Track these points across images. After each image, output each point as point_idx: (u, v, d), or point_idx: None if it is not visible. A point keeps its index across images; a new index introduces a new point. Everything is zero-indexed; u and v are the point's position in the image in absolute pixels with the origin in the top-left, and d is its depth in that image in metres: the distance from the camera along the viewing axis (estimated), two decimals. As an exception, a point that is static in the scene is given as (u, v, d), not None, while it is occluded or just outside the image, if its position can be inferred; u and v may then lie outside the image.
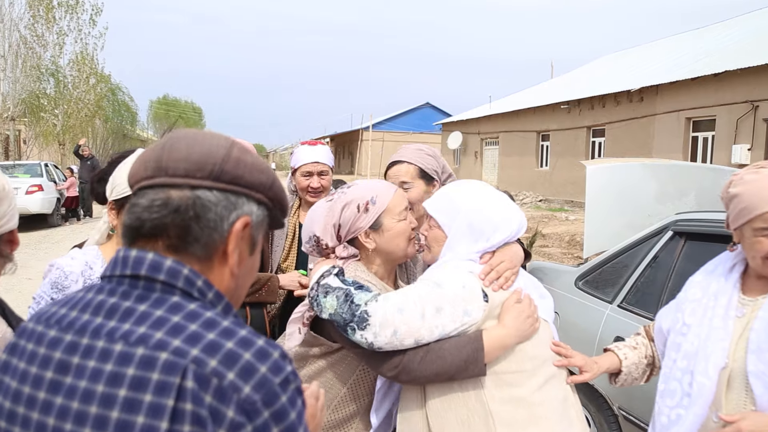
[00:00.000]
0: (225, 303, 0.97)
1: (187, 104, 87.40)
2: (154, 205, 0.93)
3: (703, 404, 1.73)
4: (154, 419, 0.80)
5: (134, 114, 56.72)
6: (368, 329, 1.63)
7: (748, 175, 1.77)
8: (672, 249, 3.24)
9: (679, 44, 23.95)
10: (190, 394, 0.81)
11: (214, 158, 0.95)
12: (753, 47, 16.94)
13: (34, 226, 15.98)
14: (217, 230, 0.95)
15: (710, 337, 1.76)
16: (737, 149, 15.30)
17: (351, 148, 52.16)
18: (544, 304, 1.85)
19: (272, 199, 1.03)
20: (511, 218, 1.83)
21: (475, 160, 30.03)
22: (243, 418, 0.82)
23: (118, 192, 1.90)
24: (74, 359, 0.87)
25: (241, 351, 0.85)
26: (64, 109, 30.34)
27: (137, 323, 0.87)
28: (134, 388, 0.82)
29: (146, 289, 0.91)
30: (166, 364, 0.82)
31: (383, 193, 1.97)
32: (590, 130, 21.90)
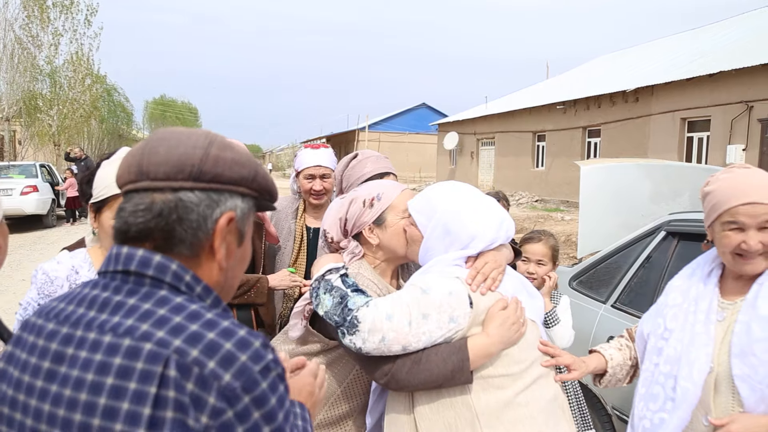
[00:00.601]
0: (213, 296, 1.01)
1: (184, 105, 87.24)
2: (139, 209, 0.97)
3: (687, 408, 1.74)
4: (137, 405, 0.85)
5: (130, 114, 56.60)
6: (357, 335, 1.66)
7: (722, 175, 1.82)
8: (665, 249, 3.25)
9: (674, 45, 24.01)
10: (172, 382, 0.86)
11: (193, 159, 0.98)
12: (748, 48, 17.00)
13: (29, 227, 15.94)
14: (201, 229, 0.99)
15: (693, 342, 1.77)
16: (732, 149, 15.35)
17: (348, 149, 52.14)
18: (532, 304, 1.85)
19: (256, 189, 1.06)
20: (489, 225, 1.79)
21: (471, 160, 30.06)
22: (224, 404, 0.87)
23: (95, 195, 1.88)
24: (68, 350, 0.92)
25: (222, 341, 0.90)
26: (59, 109, 30.26)
27: (126, 316, 0.92)
28: (120, 376, 0.87)
29: (136, 284, 0.96)
30: (149, 354, 0.87)
31: (389, 190, 2.03)
32: (586, 131, 21.94)
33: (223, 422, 0.87)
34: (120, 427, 0.85)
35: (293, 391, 1.24)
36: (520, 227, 14.93)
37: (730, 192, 1.74)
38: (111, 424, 0.86)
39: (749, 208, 1.71)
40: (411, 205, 1.92)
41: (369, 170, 2.54)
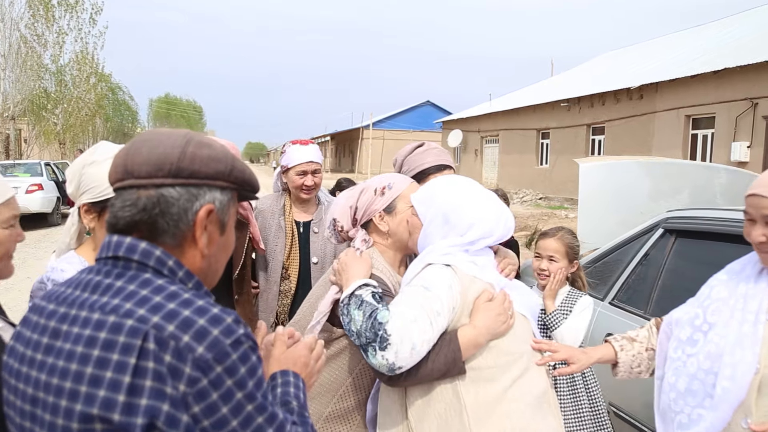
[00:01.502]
0: (195, 281, 1.12)
1: (189, 103, 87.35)
2: (126, 205, 1.09)
3: (727, 409, 1.68)
4: (119, 374, 0.96)
5: (134, 113, 56.69)
6: (389, 349, 1.63)
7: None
8: (662, 246, 3.27)
9: (678, 42, 23.93)
10: (151, 354, 0.96)
11: (171, 158, 1.09)
12: (753, 45, 16.93)
13: (34, 225, 16.03)
14: (182, 221, 1.10)
15: (740, 342, 1.71)
16: (737, 147, 15.31)
17: (352, 147, 52.16)
18: (523, 300, 1.87)
19: (234, 182, 1.17)
20: (487, 215, 1.84)
21: (476, 158, 30.04)
22: (198, 374, 0.97)
23: (94, 194, 1.86)
24: (63, 326, 1.04)
25: (195, 317, 1.00)
26: (64, 108, 30.37)
27: (113, 296, 1.04)
28: (105, 348, 0.98)
29: (124, 268, 1.08)
30: (131, 329, 0.98)
31: (400, 181, 2.12)
32: (590, 128, 21.90)
33: (199, 389, 0.98)
34: (103, 393, 0.96)
35: (288, 362, 1.35)
36: (524, 224, 14.92)
37: (759, 180, 1.75)
38: (96, 390, 0.96)
39: (753, 199, 1.73)
40: (413, 196, 1.98)
41: (430, 160, 2.52)
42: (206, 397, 0.98)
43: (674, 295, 3.08)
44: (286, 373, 1.32)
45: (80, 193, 1.90)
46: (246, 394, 1.02)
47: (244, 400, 1.02)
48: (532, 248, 12.04)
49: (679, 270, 3.12)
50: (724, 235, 2.82)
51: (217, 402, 0.99)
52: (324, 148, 67.86)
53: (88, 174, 1.88)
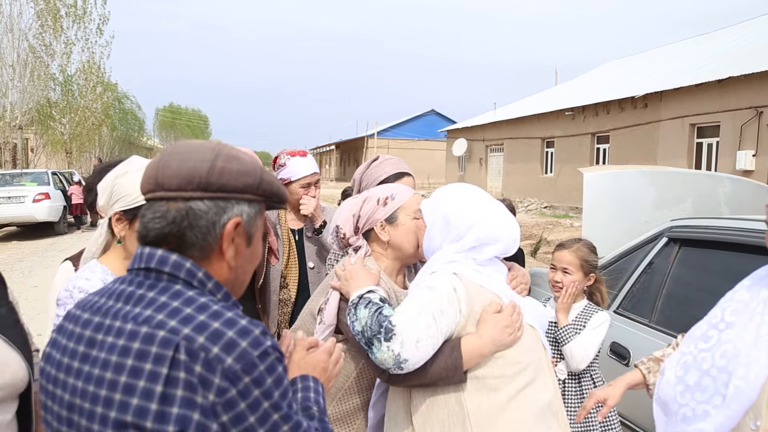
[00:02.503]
0: (224, 292, 1.15)
1: (194, 112, 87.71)
2: (156, 217, 1.13)
3: (738, 408, 1.67)
4: (151, 383, 1.00)
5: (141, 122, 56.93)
6: (394, 339, 1.66)
7: None
8: (667, 255, 3.27)
9: (683, 50, 23.95)
10: (182, 364, 1.00)
11: (200, 172, 1.12)
12: (757, 53, 16.93)
13: (41, 234, 16.10)
14: (210, 234, 1.13)
15: (756, 344, 1.69)
16: (742, 155, 15.28)
17: (356, 156, 52.26)
18: (532, 310, 1.88)
19: (263, 194, 1.19)
20: (485, 219, 1.85)
21: (480, 166, 30.06)
22: (227, 384, 1.01)
23: (126, 202, 1.92)
24: (99, 336, 1.08)
25: (225, 329, 1.04)
26: (71, 117, 30.54)
27: (145, 307, 1.08)
28: (138, 358, 1.02)
29: (156, 280, 1.12)
30: (162, 339, 1.02)
31: (402, 192, 2.15)
32: (595, 137, 21.90)
33: (228, 399, 1.01)
34: (136, 401, 1.00)
35: (308, 367, 1.39)
36: (529, 233, 14.91)
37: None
38: (129, 398, 1.01)
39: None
40: (422, 203, 2.04)
41: (388, 170, 2.63)
42: (234, 406, 1.02)
43: (679, 303, 3.09)
44: (306, 378, 1.35)
45: (112, 203, 1.95)
46: (272, 403, 1.06)
47: (270, 409, 1.06)
48: (537, 257, 12.02)
49: (684, 278, 3.12)
50: (729, 244, 2.83)
51: (245, 411, 1.03)
52: (328, 157, 68.00)
53: (119, 184, 1.94)
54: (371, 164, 2.72)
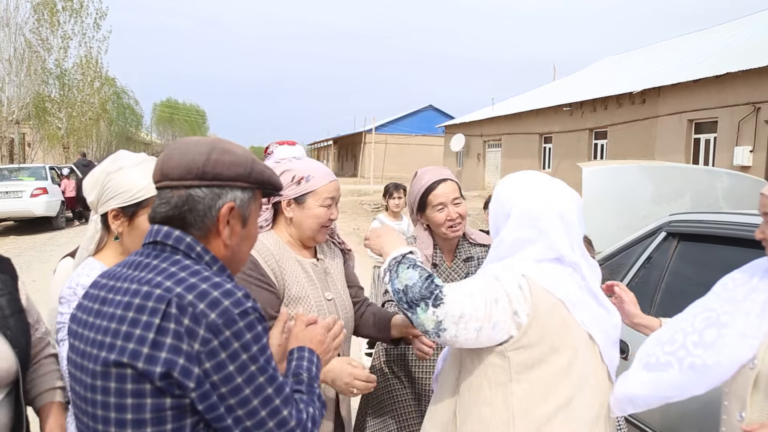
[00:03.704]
0: (220, 265, 1.34)
1: (192, 107, 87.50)
2: (162, 203, 1.33)
3: (709, 381, 1.71)
4: (146, 331, 1.19)
5: (140, 117, 56.78)
6: (441, 307, 1.67)
7: None
8: (665, 249, 3.28)
9: (681, 46, 23.95)
10: (173, 317, 1.18)
11: (197, 163, 1.31)
12: (755, 49, 16.94)
13: (38, 229, 16.08)
14: (207, 216, 1.32)
15: (744, 331, 1.72)
16: (739, 151, 15.30)
17: (354, 151, 52.22)
18: (595, 320, 1.79)
19: (254, 182, 1.37)
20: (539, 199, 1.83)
21: (478, 162, 30.07)
22: (210, 335, 1.18)
23: (123, 199, 1.91)
24: (110, 296, 1.29)
25: (211, 290, 1.22)
26: (68, 112, 30.46)
27: (149, 272, 1.27)
28: (137, 311, 1.21)
29: (161, 251, 1.31)
30: (158, 296, 1.21)
31: (320, 177, 2.18)
32: (592, 132, 21.91)
33: (211, 349, 1.18)
34: (132, 345, 1.19)
35: (305, 339, 1.57)
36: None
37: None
38: (127, 343, 1.19)
39: (761, 198, 1.78)
40: (495, 189, 1.97)
41: (428, 178, 2.63)
42: (216, 355, 1.18)
43: (677, 297, 3.10)
44: (302, 349, 1.53)
45: (107, 199, 1.93)
46: (250, 356, 1.21)
47: (248, 360, 1.21)
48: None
49: (682, 273, 3.14)
50: (727, 238, 2.84)
51: (225, 360, 1.18)
52: (326, 152, 67.92)
53: (116, 180, 1.92)
54: (413, 180, 2.74)
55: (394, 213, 5.83)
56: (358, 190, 28.19)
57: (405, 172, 42.10)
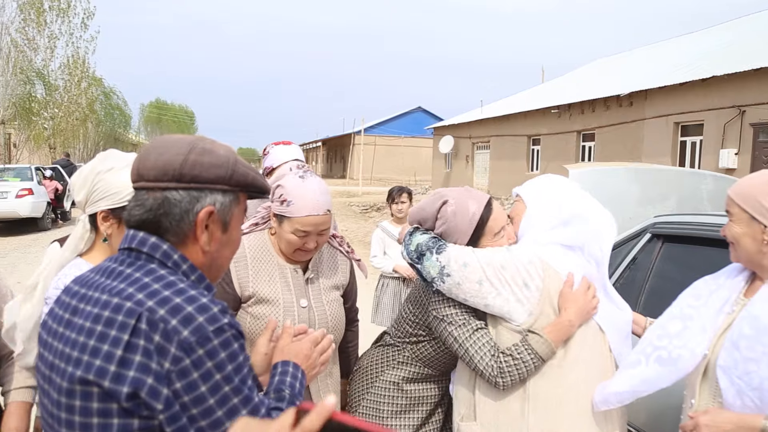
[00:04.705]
0: (198, 274, 1.25)
1: (180, 108, 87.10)
2: (137, 205, 1.24)
3: (676, 372, 1.81)
4: (113, 347, 1.10)
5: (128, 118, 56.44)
6: (443, 253, 1.86)
7: None
8: (650, 251, 3.31)
9: (667, 49, 24.14)
10: (143, 333, 1.10)
11: (174, 164, 1.22)
12: (740, 53, 17.11)
13: (24, 230, 15.93)
14: (184, 221, 1.23)
15: (704, 326, 1.83)
16: (725, 154, 15.45)
17: (343, 153, 52.19)
18: (607, 314, 1.95)
19: (237, 185, 1.28)
20: (587, 216, 1.99)
21: (467, 164, 30.14)
22: (182, 354, 1.10)
23: (114, 201, 1.87)
24: (81, 305, 1.20)
25: (185, 305, 1.13)
26: (54, 112, 30.23)
27: (121, 281, 1.18)
28: (106, 325, 1.13)
29: (135, 258, 1.22)
30: (128, 310, 1.13)
31: (301, 207, 2.09)
32: (580, 135, 22.03)
33: (182, 368, 1.10)
34: (99, 362, 1.10)
35: (290, 353, 1.50)
36: (515, 231, 14.97)
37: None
38: (94, 359, 1.11)
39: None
40: (520, 188, 2.14)
41: (474, 206, 2.09)
42: (187, 375, 1.10)
43: (661, 298, 3.12)
44: (286, 364, 1.47)
45: (96, 200, 1.89)
46: (224, 376, 1.14)
47: (221, 381, 1.14)
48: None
49: (666, 274, 3.17)
50: (710, 240, 2.87)
51: (197, 380, 1.11)
52: (315, 154, 67.82)
53: (106, 181, 1.88)
54: (443, 211, 2.17)
55: (398, 219, 5.39)
56: (346, 192, 28.18)
57: (394, 174, 42.15)
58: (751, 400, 1.66)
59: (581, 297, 1.84)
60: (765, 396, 1.63)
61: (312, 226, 2.10)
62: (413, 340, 2.20)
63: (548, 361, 1.83)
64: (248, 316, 2.20)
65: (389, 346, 2.30)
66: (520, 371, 1.81)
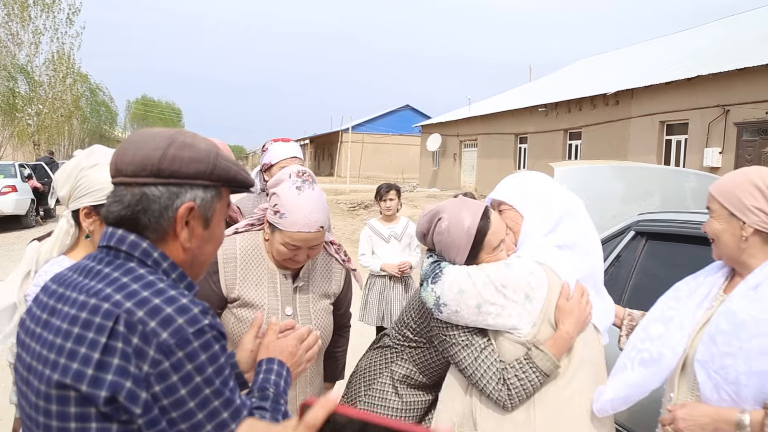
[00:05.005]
0: (179, 272, 1.23)
1: (168, 105, 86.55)
2: (115, 200, 1.20)
3: (660, 370, 1.84)
4: (91, 350, 1.08)
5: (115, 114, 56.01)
6: (439, 283, 1.85)
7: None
8: (634, 248, 3.34)
9: (654, 49, 24.32)
10: (120, 335, 1.07)
11: (152, 159, 1.19)
12: (725, 53, 17.28)
13: (7, 227, 15.76)
14: (163, 217, 1.19)
15: (684, 323, 1.86)
16: (709, 152, 15.60)
17: (331, 150, 52.10)
18: (599, 311, 1.97)
19: (218, 180, 1.25)
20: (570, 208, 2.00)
21: (454, 162, 30.21)
22: (161, 356, 1.07)
23: (96, 197, 1.85)
24: (59, 305, 1.17)
25: (164, 306, 1.11)
26: (39, 108, 29.93)
27: (99, 281, 1.15)
28: (84, 327, 1.10)
29: (114, 257, 1.19)
30: (106, 311, 1.10)
31: (292, 222, 2.04)
32: (567, 133, 22.15)
33: (161, 371, 1.08)
34: (76, 366, 1.08)
35: (275, 351, 1.47)
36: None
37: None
38: (71, 362, 1.08)
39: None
40: (502, 195, 2.09)
41: (468, 218, 1.98)
42: (167, 378, 1.08)
43: (645, 294, 3.16)
44: (271, 361, 1.44)
45: (79, 196, 1.87)
46: (204, 378, 1.11)
47: (202, 384, 1.11)
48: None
49: (650, 271, 3.20)
50: (693, 237, 2.90)
51: (176, 383, 1.09)
52: (303, 151, 67.40)
53: (89, 177, 1.86)
54: (438, 227, 2.03)
55: (387, 216, 5.31)
56: (334, 189, 28.12)
57: (382, 172, 42.11)
58: (728, 393, 1.69)
59: (577, 308, 1.84)
60: (741, 390, 1.66)
61: (302, 241, 2.06)
62: (412, 345, 2.17)
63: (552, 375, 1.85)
64: (232, 317, 2.17)
65: (387, 347, 2.27)
66: (527, 391, 1.81)
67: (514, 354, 1.84)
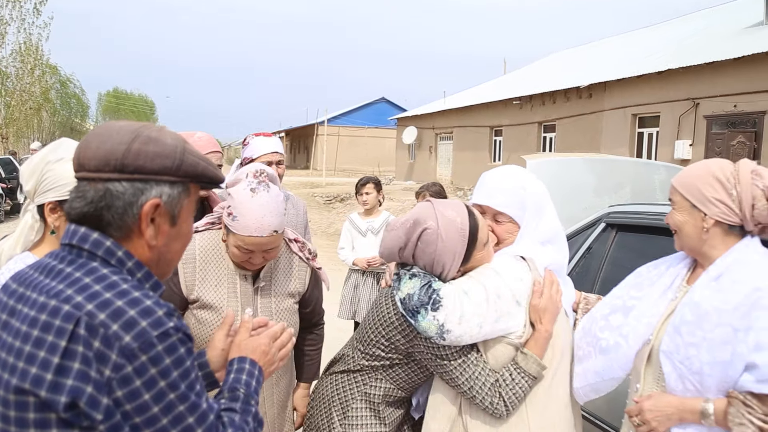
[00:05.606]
0: (145, 271, 1.19)
1: (140, 97, 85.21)
2: (78, 196, 1.16)
3: (616, 360, 1.89)
4: (50, 354, 1.04)
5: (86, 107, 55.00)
6: (440, 311, 1.76)
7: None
8: (604, 240, 3.40)
9: (626, 42, 24.60)
10: (81, 339, 1.04)
11: (116, 154, 1.14)
12: (695, 47, 17.56)
13: (-24, 223, 15.44)
14: (127, 214, 1.16)
15: (645, 312, 1.89)
16: (680, 145, 15.87)
17: (306, 143, 51.85)
18: (566, 295, 2.02)
19: (186, 176, 1.21)
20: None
21: (430, 154, 30.28)
22: (123, 361, 1.04)
23: (61, 192, 1.79)
24: (18, 306, 1.13)
25: (127, 308, 1.07)
26: (7, 101, 29.28)
27: (60, 281, 1.11)
28: (43, 330, 1.06)
29: (77, 256, 1.15)
30: (66, 314, 1.06)
31: (244, 226, 2.00)
32: (541, 126, 22.34)
33: (123, 375, 1.04)
34: (35, 370, 1.04)
35: (247, 349, 1.43)
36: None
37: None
38: (30, 367, 1.05)
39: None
40: (499, 205, 2.03)
41: (459, 216, 1.91)
42: (129, 383, 1.05)
43: (615, 285, 3.21)
44: (242, 360, 1.39)
45: (45, 191, 1.83)
46: (169, 383, 1.08)
47: (166, 388, 1.08)
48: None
49: (619, 262, 3.25)
50: (661, 229, 2.95)
51: (139, 388, 1.05)
52: (279, 144, 67.02)
53: (54, 171, 1.82)
54: (428, 235, 1.93)
55: (367, 210, 5.25)
56: (310, 183, 28.03)
57: (358, 165, 42.04)
58: (692, 383, 1.72)
59: (550, 303, 1.88)
60: (705, 380, 1.70)
61: (255, 246, 2.01)
62: (386, 363, 1.99)
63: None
64: (193, 319, 2.14)
65: (355, 372, 2.06)
66: (519, 398, 1.84)
67: (507, 356, 1.88)
